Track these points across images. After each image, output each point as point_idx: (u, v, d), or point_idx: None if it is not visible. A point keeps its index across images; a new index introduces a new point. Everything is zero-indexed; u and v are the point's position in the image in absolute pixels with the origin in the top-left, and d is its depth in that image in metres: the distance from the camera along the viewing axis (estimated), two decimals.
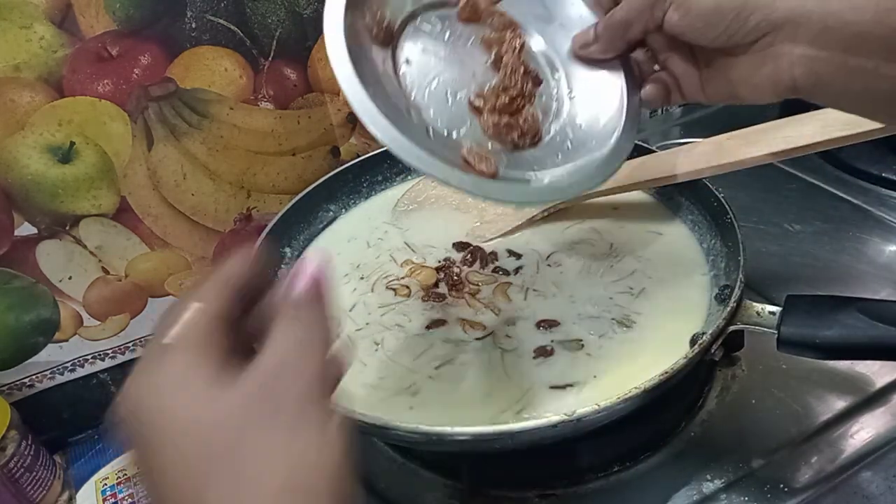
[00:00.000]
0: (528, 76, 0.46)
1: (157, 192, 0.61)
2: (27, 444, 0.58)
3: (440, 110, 0.43)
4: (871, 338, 0.45)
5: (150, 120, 0.58)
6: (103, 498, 0.61)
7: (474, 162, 0.41)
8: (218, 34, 0.57)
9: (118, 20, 0.54)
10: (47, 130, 0.55)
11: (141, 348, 0.67)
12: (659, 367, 0.44)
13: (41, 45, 0.52)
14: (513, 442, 0.44)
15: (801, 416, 0.54)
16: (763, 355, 0.57)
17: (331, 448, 0.27)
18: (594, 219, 0.66)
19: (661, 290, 0.57)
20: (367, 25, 0.42)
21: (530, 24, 0.48)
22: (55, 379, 0.64)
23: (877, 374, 0.56)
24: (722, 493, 0.50)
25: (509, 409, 0.49)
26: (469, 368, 0.53)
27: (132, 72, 0.56)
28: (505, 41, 0.46)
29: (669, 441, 0.54)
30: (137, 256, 0.63)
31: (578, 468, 0.52)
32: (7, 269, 0.58)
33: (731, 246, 0.56)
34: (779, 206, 0.74)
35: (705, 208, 0.61)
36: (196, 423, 0.26)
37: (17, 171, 0.55)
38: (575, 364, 0.52)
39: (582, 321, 0.55)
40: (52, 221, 0.58)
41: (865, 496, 0.49)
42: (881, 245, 0.69)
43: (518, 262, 0.62)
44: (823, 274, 0.66)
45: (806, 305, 0.48)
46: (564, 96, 0.47)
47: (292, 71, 0.62)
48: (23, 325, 0.60)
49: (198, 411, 0.26)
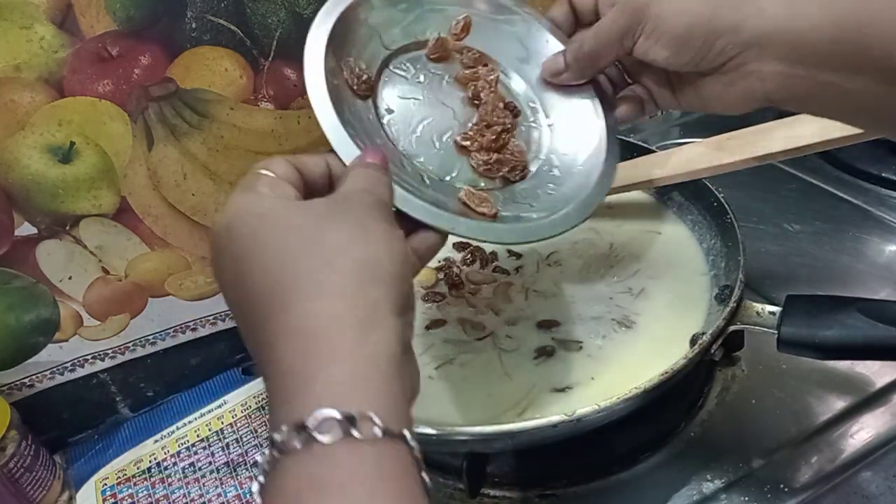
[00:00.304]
0: (507, 109, 0.46)
1: (157, 192, 0.61)
2: (27, 444, 0.58)
3: (430, 155, 0.43)
4: (871, 338, 0.45)
5: (151, 120, 0.58)
6: (103, 498, 0.61)
7: (474, 205, 0.41)
8: (218, 34, 0.57)
9: (118, 20, 0.54)
10: (47, 130, 0.55)
11: (141, 348, 0.67)
12: (659, 367, 0.45)
13: (41, 46, 0.52)
14: (513, 442, 0.45)
15: (801, 416, 0.54)
16: (763, 355, 0.57)
17: (395, 251, 0.32)
18: (594, 219, 0.65)
19: (661, 291, 0.57)
20: (348, 82, 0.42)
21: (498, 56, 0.48)
22: (55, 379, 0.64)
23: (877, 374, 0.56)
24: (722, 493, 0.50)
25: (510, 409, 0.49)
26: (469, 369, 0.53)
27: (132, 72, 0.56)
28: (479, 77, 0.47)
29: (669, 441, 0.54)
30: (138, 256, 0.63)
31: (578, 468, 0.52)
32: (7, 269, 0.58)
33: (730, 246, 0.56)
34: (779, 206, 0.74)
35: (705, 208, 0.61)
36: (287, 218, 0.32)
37: (17, 172, 0.55)
38: (575, 364, 0.52)
39: (582, 321, 0.55)
40: (52, 221, 0.58)
41: (865, 496, 0.49)
42: (881, 245, 0.69)
43: (518, 261, 0.62)
44: (823, 274, 0.66)
45: (806, 305, 0.48)
46: (543, 125, 0.48)
47: (292, 71, 0.62)
48: (23, 325, 0.60)
49: (289, 210, 0.32)
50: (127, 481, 0.62)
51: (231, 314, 0.35)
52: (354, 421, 0.25)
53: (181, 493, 0.60)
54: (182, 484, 0.61)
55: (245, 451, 0.63)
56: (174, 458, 0.64)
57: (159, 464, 0.63)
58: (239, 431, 0.65)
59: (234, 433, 0.65)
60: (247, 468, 0.62)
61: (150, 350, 0.67)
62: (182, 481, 0.61)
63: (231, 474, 0.61)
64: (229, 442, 0.64)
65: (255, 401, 0.68)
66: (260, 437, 0.64)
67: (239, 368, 0.73)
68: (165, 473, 0.63)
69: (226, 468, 0.62)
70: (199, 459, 0.63)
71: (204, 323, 0.69)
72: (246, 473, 0.61)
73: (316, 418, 0.25)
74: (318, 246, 0.30)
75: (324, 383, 0.27)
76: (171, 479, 0.62)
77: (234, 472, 0.61)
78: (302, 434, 0.25)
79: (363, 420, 0.26)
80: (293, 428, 0.26)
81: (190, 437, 0.66)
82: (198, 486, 0.61)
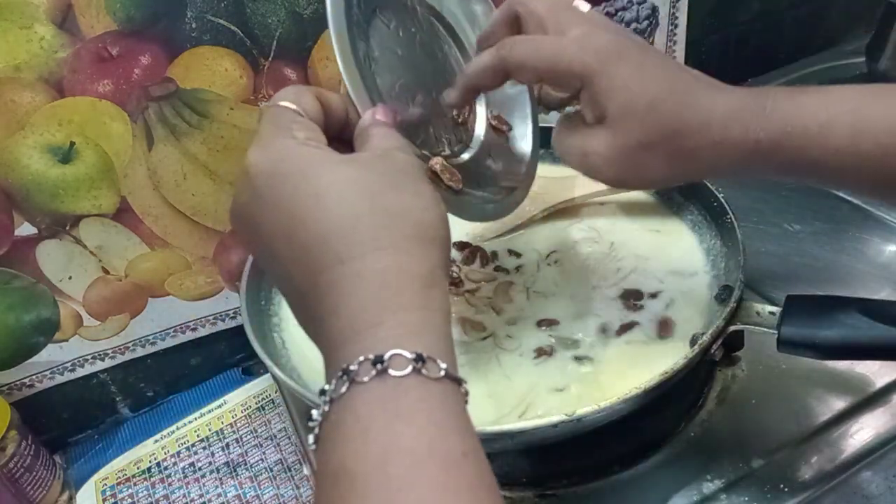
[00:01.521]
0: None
1: (157, 192, 0.61)
2: (27, 444, 0.58)
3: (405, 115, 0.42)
4: (871, 338, 0.45)
5: (151, 120, 0.58)
6: (103, 498, 0.61)
7: (445, 178, 0.41)
8: (218, 34, 0.57)
9: (118, 21, 0.54)
10: (47, 130, 0.55)
11: (141, 348, 0.67)
12: (659, 367, 0.45)
13: (42, 46, 0.52)
14: (513, 442, 0.44)
15: (801, 416, 0.54)
16: (763, 355, 0.57)
17: (443, 214, 0.34)
18: (594, 218, 0.66)
19: (661, 290, 0.57)
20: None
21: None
22: (55, 379, 0.64)
23: (877, 374, 0.56)
24: (722, 493, 0.50)
25: (510, 409, 0.49)
26: (469, 369, 0.53)
27: (132, 72, 0.56)
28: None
29: (669, 441, 0.54)
30: (138, 256, 0.63)
31: (578, 468, 0.52)
32: (7, 269, 0.58)
33: (731, 246, 0.56)
34: (779, 206, 0.74)
35: (705, 208, 0.61)
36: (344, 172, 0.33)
37: (17, 172, 0.55)
38: (575, 364, 0.52)
39: (582, 321, 0.55)
40: (52, 221, 0.58)
41: (865, 496, 0.49)
42: (881, 245, 0.69)
43: (518, 261, 0.62)
44: (823, 274, 0.66)
45: (806, 305, 0.48)
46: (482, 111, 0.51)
47: (292, 71, 0.62)
48: (23, 325, 0.60)
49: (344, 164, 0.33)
50: (127, 481, 0.62)
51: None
52: (423, 361, 0.28)
53: (181, 493, 0.60)
54: (182, 484, 0.61)
55: (245, 451, 0.63)
56: (174, 458, 0.64)
57: (159, 464, 0.63)
58: (239, 431, 0.65)
59: (234, 433, 0.65)
60: (247, 468, 0.62)
61: (150, 350, 0.67)
62: (182, 481, 0.61)
63: (231, 474, 0.61)
64: (229, 442, 0.64)
65: (255, 401, 0.68)
66: (260, 437, 0.64)
67: (239, 368, 0.73)
68: (165, 473, 0.63)
69: (226, 468, 0.62)
70: (199, 459, 0.63)
71: (204, 323, 0.69)
72: (246, 473, 0.61)
73: (389, 354, 0.28)
74: (380, 204, 0.32)
75: (393, 327, 0.29)
76: (171, 479, 0.62)
77: (234, 472, 0.61)
78: (376, 366, 0.27)
79: (430, 361, 0.28)
80: (367, 360, 0.28)
81: (190, 437, 0.66)
82: (198, 486, 0.61)
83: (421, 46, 0.46)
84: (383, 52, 0.42)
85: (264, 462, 0.62)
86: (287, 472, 0.60)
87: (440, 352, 0.29)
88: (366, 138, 0.37)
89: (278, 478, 0.60)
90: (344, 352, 0.29)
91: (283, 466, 0.61)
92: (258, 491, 0.59)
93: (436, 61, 0.47)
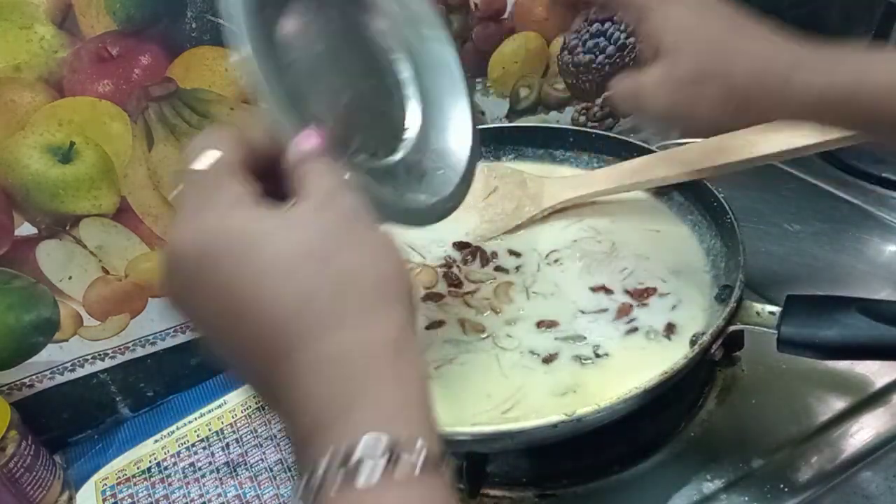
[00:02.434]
0: None
1: (157, 192, 0.61)
2: (27, 444, 0.58)
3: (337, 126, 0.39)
4: (871, 338, 0.45)
5: (151, 120, 0.58)
6: (103, 498, 0.61)
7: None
8: (218, 34, 0.57)
9: (118, 20, 0.54)
10: (47, 130, 0.55)
11: (141, 348, 0.67)
12: (659, 367, 0.45)
13: (41, 46, 0.52)
14: (513, 442, 0.45)
15: (801, 416, 0.54)
16: (763, 355, 0.57)
17: (398, 259, 0.31)
18: (594, 218, 0.66)
19: (661, 290, 0.57)
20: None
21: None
22: (55, 379, 0.64)
23: (877, 374, 0.56)
24: (722, 493, 0.50)
25: (510, 410, 0.49)
26: (469, 369, 0.53)
27: (132, 72, 0.56)
28: None
29: (669, 441, 0.54)
30: (137, 256, 0.63)
31: (578, 468, 0.52)
32: (7, 269, 0.58)
33: (731, 246, 0.56)
34: (778, 206, 0.74)
35: (705, 208, 0.61)
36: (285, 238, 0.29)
37: (17, 172, 0.55)
38: (575, 364, 0.52)
39: (582, 321, 0.55)
40: (52, 221, 0.58)
41: (865, 496, 0.49)
42: (881, 245, 0.69)
43: (518, 261, 0.62)
44: (823, 274, 0.66)
45: (806, 305, 0.48)
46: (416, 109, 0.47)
47: None
48: (23, 325, 0.60)
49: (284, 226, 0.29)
50: (127, 481, 0.62)
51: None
52: (398, 455, 0.25)
53: (181, 493, 0.60)
54: (182, 484, 0.61)
55: (245, 451, 0.63)
56: (174, 458, 0.64)
57: (159, 464, 0.63)
58: (239, 431, 0.65)
59: (234, 433, 0.65)
60: (247, 468, 0.62)
61: (150, 350, 0.67)
62: (182, 481, 0.61)
63: (231, 474, 0.61)
64: (229, 442, 0.64)
65: (256, 401, 0.68)
66: (260, 437, 0.64)
67: None
68: (165, 473, 0.62)
69: (226, 468, 0.62)
70: (199, 459, 0.63)
71: None
72: (246, 473, 0.61)
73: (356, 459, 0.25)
74: (333, 270, 0.28)
75: (366, 409, 0.26)
76: (171, 479, 0.62)
77: (234, 472, 0.61)
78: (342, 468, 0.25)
79: (406, 450, 0.25)
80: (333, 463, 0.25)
81: (190, 437, 0.66)
82: (198, 486, 0.61)
83: (338, 34, 0.41)
84: (299, 55, 0.38)
85: (264, 462, 0.62)
86: (287, 472, 0.60)
87: (418, 429, 0.26)
88: (301, 176, 0.32)
89: (278, 478, 0.60)
90: (308, 450, 0.26)
91: (283, 466, 0.61)
92: (258, 491, 0.59)
93: (358, 47, 0.43)
